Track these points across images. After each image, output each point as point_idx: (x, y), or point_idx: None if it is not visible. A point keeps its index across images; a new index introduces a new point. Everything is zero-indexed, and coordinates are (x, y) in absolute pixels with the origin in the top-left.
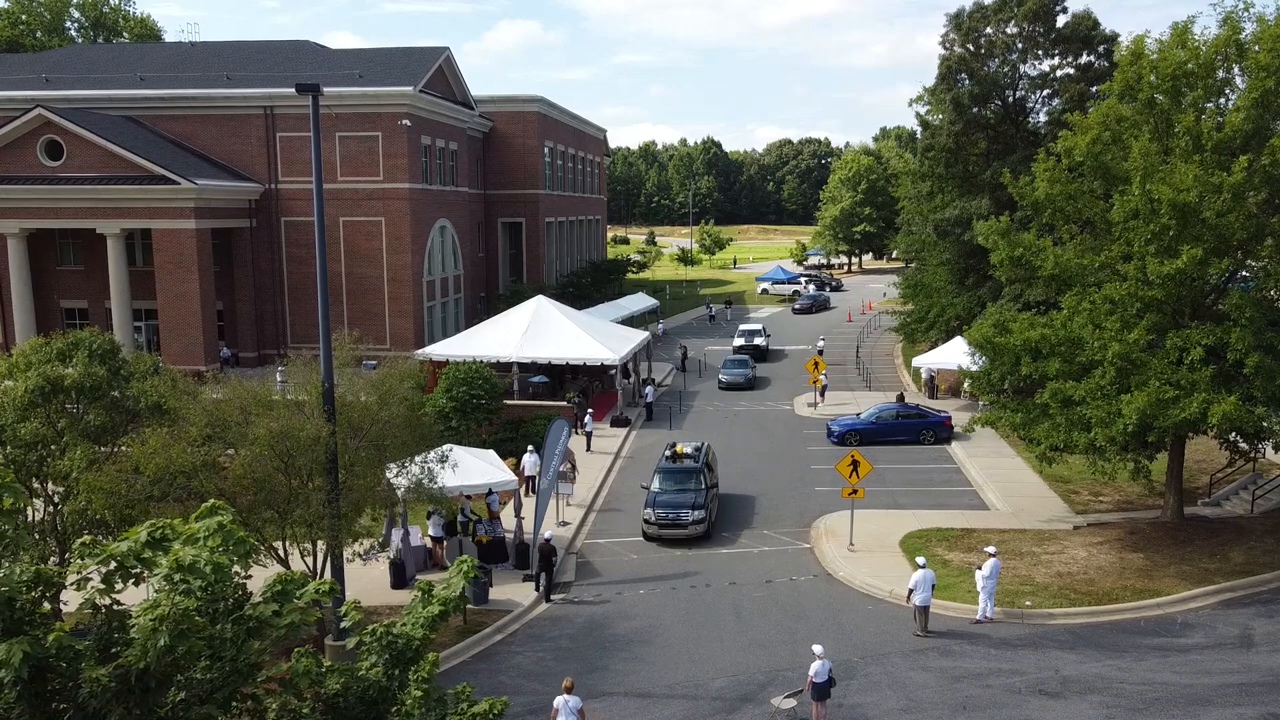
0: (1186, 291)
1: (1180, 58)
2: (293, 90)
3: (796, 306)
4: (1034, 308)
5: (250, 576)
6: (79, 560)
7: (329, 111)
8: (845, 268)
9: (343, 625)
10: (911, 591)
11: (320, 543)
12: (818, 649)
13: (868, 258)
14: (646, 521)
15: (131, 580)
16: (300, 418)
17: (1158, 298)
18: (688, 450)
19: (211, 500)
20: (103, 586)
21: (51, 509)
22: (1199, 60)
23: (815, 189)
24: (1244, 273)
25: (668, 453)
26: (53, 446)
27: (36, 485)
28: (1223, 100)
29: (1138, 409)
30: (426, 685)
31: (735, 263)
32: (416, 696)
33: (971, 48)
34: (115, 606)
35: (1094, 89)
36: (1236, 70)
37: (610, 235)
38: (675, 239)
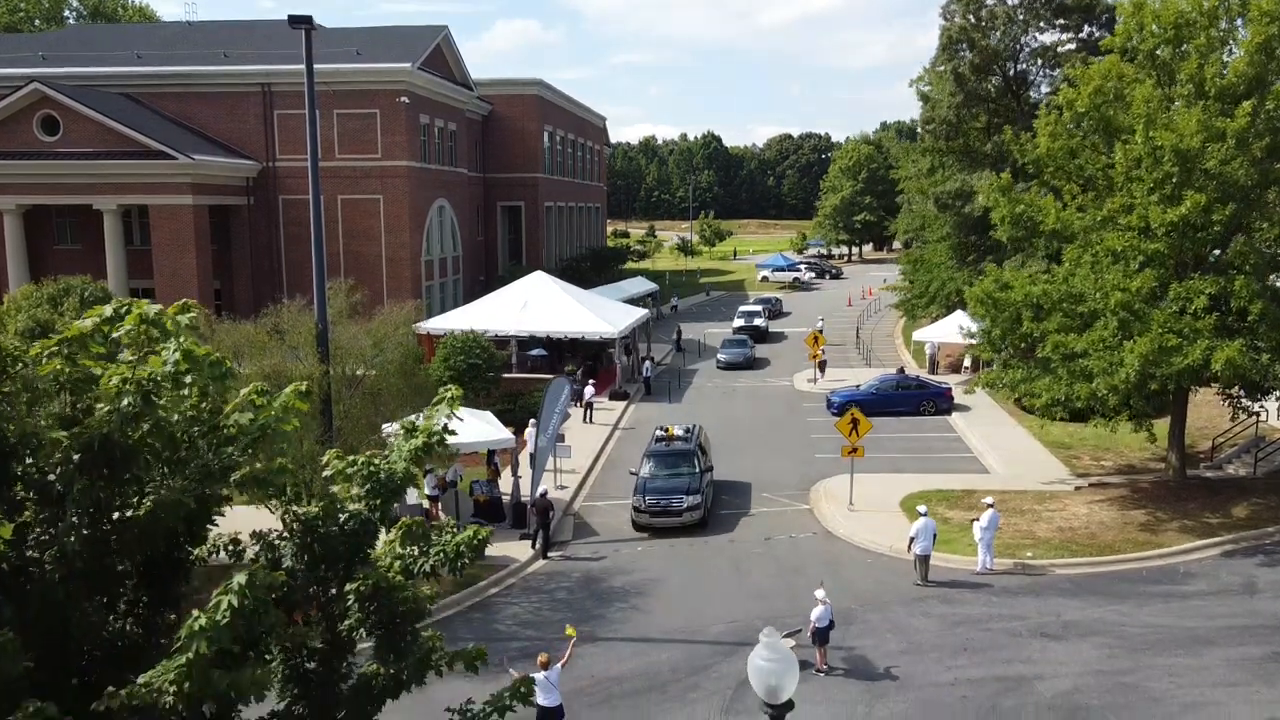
0: (1189, 244)
1: (1182, 6)
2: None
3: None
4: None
5: (226, 401)
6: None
7: (326, 89)
8: (845, 257)
9: (325, 473)
10: (912, 540)
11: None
12: (819, 593)
13: (868, 248)
14: (636, 509)
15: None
16: (294, 360)
17: (1160, 250)
18: (678, 432)
19: (184, 300)
20: (64, 353)
21: None
22: (1201, 9)
23: (815, 183)
24: (1246, 223)
25: (658, 433)
26: None
27: None
28: (1225, 54)
29: (1140, 355)
30: (408, 523)
31: (735, 254)
32: (399, 535)
33: (973, 18)
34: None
35: (1097, 59)
36: (1240, 23)
37: (610, 229)
38: (675, 233)
